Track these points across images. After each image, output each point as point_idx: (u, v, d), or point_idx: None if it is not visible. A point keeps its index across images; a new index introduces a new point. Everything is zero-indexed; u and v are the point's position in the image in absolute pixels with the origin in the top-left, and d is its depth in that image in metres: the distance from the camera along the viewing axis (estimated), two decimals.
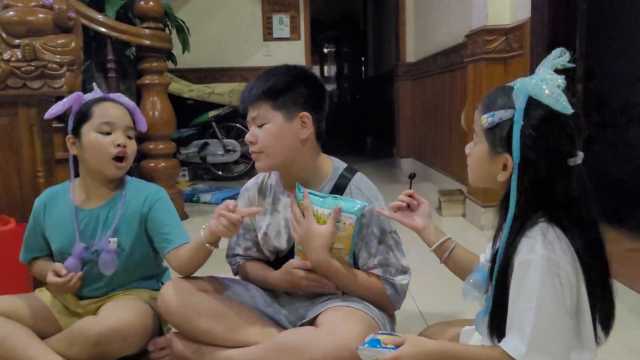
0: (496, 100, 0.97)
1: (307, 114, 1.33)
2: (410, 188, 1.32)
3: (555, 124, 0.91)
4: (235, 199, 1.46)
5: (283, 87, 1.32)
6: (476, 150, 1.02)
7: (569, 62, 0.94)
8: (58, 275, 1.40)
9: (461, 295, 1.08)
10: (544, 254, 0.88)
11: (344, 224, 1.28)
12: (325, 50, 9.38)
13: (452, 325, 1.35)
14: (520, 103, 0.91)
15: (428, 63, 4.48)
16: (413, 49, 5.21)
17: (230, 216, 1.27)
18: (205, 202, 3.82)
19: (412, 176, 1.39)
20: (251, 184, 1.52)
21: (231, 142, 4.77)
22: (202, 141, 4.78)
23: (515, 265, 0.92)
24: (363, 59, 9.22)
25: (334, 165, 1.42)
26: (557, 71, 0.94)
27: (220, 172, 4.93)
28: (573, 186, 0.92)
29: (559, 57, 0.94)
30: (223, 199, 3.77)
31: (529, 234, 0.92)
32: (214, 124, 4.73)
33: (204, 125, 4.75)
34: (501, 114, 0.94)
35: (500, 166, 0.96)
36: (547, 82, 0.91)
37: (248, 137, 1.35)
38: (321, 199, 1.31)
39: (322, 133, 1.39)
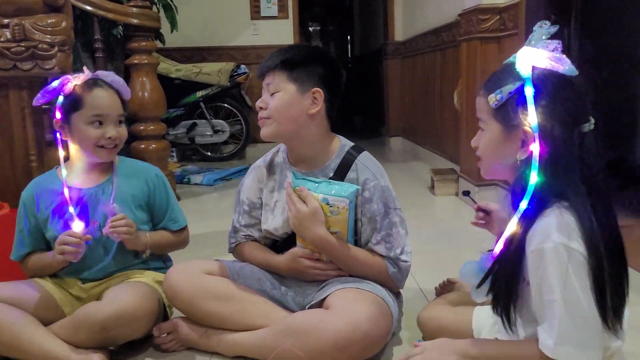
0: (499, 79, 0.96)
1: (319, 90, 1.35)
2: (475, 202, 1.30)
3: (566, 89, 0.90)
4: (226, 179, 1.50)
5: (301, 60, 1.35)
6: (487, 135, 1.00)
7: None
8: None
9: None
10: (560, 241, 0.86)
11: (338, 207, 1.32)
12: (310, 28, 9.27)
13: (453, 303, 1.36)
14: (526, 73, 0.90)
15: (418, 42, 4.44)
16: (402, 28, 5.16)
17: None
18: (196, 184, 3.77)
19: (466, 193, 1.40)
20: (260, 162, 1.52)
21: (220, 123, 4.70)
22: (191, 122, 4.70)
23: (529, 254, 0.90)
24: (349, 37, 9.14)
25: (340, 143, 1.44)
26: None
27: (209, 153, 4.87)
28: (589, 154, 0.90)
29: (542, 27, 0.94)
30: (215, 180, 3.74)
31: (542, 218, 0.89)
32: (202, 104, 4.64)
33: (192, 105, 4.67)
34: (508, 88, 0.93)
35: (519, 143, 0.94)
36: (547, 47, 0.91)
37: (259, 102, 1.37)
38: (316, 184, 1.34)
39: (333, 113, 1.41)
